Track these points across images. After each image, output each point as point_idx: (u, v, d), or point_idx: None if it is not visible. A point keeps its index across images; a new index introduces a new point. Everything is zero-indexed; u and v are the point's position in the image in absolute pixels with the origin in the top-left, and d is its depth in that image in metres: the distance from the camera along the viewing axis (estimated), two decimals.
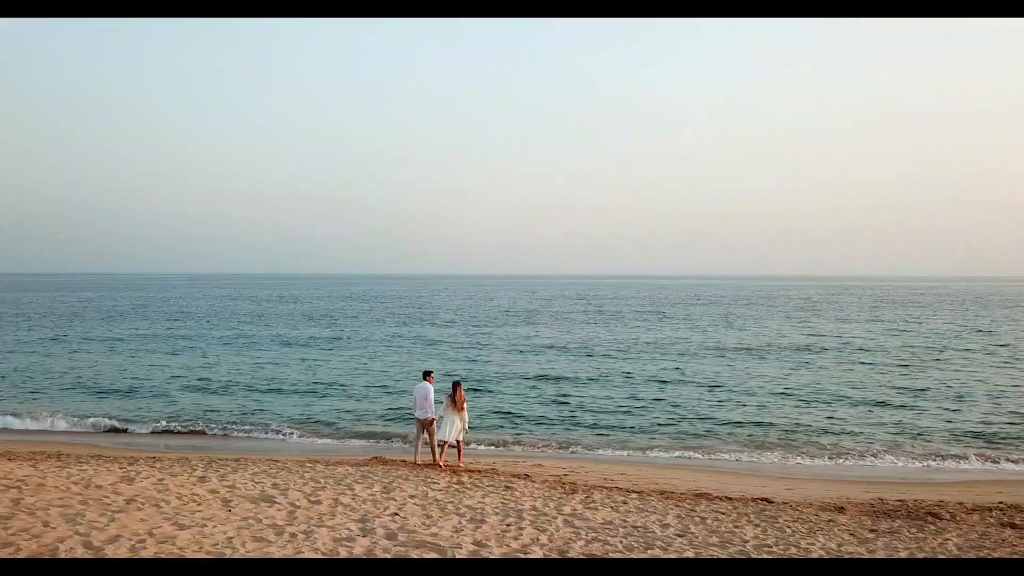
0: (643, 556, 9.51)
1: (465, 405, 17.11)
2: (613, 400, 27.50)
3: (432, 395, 17.00)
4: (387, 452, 19.46)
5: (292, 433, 22.41)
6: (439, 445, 16.81)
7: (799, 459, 19.78)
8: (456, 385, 17.23)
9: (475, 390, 28.89)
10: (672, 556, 9.59)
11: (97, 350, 41.39)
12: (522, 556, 9.11)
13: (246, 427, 23.09)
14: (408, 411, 22.15)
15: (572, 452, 20.54)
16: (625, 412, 25.40)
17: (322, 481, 13.75)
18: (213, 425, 23.22)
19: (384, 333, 52.85)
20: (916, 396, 27.91)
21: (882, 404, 26.40)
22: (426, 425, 16.99)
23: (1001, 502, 14.14)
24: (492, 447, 20.82)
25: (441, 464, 16.69)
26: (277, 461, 16.52)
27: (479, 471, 16.34)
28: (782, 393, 28.39)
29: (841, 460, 19.56)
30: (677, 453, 20.38)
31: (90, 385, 29.99)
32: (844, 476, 18.01)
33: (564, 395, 28.46)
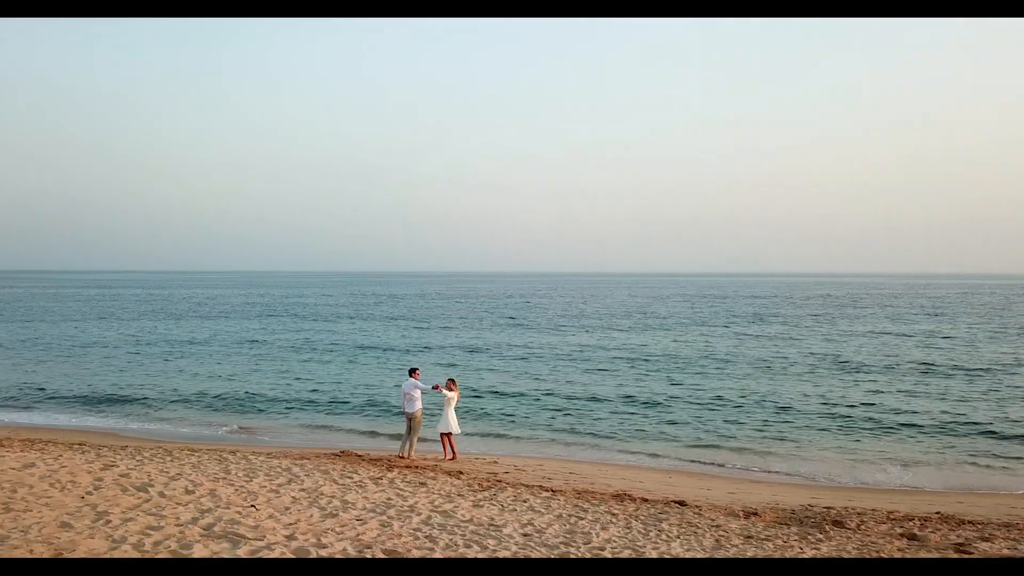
0: (451, 555, 9.20)
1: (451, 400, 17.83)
2: (646, 401, 26.90)
3: (418, 391, 17.63)
4: (367, 448, 19.70)
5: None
6: (441, 435, 17.85)
7: (780, 466, 18.83)
8: (450, 383, 18.04)
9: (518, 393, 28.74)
10: (483, 556, 9.24)
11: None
12: (312, 549, 8.96)
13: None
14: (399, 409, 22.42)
15: (552, 452, 20.19)
16: (646, 414, 24.69)
17: (232, 471, 13.94)
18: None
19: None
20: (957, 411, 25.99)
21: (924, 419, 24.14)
22: (411, 419, 17.61)
23: (938, 512, 13.01)
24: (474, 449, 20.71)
25: (405, 456, 17.29)
26: (225, 452, 16.86)
27: (417, 467, 16.28)
28: (834, 409, 25.74)
29: (833, 469, 18.38)
30: (668, 457, 19.65)
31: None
32: (819, 484, 17.06)
33: (579, 397, 28.04)
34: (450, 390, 17.95)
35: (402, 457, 17.35)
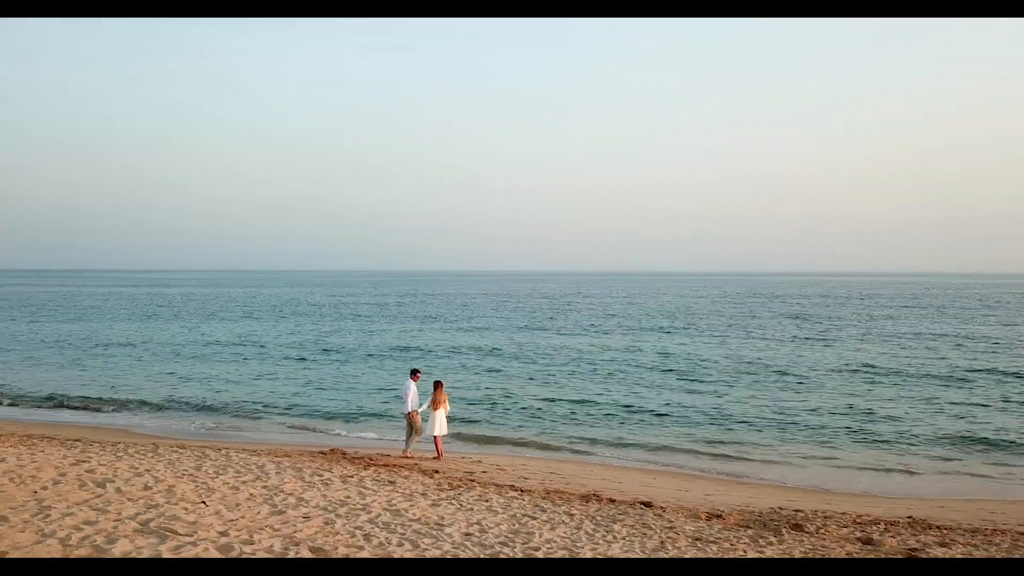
0: (379, 554, 9.14)
1: (447, 403, 18.08)
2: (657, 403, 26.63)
3: (414, 392, 17.85)
4: (358, 446, 19.77)
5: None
6: (431, 439, 17.85)
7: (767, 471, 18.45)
8: (437, 385, 18.11)
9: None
10: (408, 556, 9.17)
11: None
12: (238, 546, 8.97)
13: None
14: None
15: (542, 454, 20.09)
16: (654, 418, 24.19)
17: (204, 468, 14.04)
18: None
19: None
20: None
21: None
22: (408, 419, 17.86)
23: (910, 516, 12.62)
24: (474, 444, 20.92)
25: (409, 455, 17.52)
26: (211, 449, 17.01)
27: (395, 466, 16.27)
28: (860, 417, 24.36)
29: (827, 474, 17.95)
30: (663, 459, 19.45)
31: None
32: (801, 488, 16.69)
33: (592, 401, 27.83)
34: (436, 390, 18.03)
35: (406, 456, 17.56)
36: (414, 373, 18.25)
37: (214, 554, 8.72)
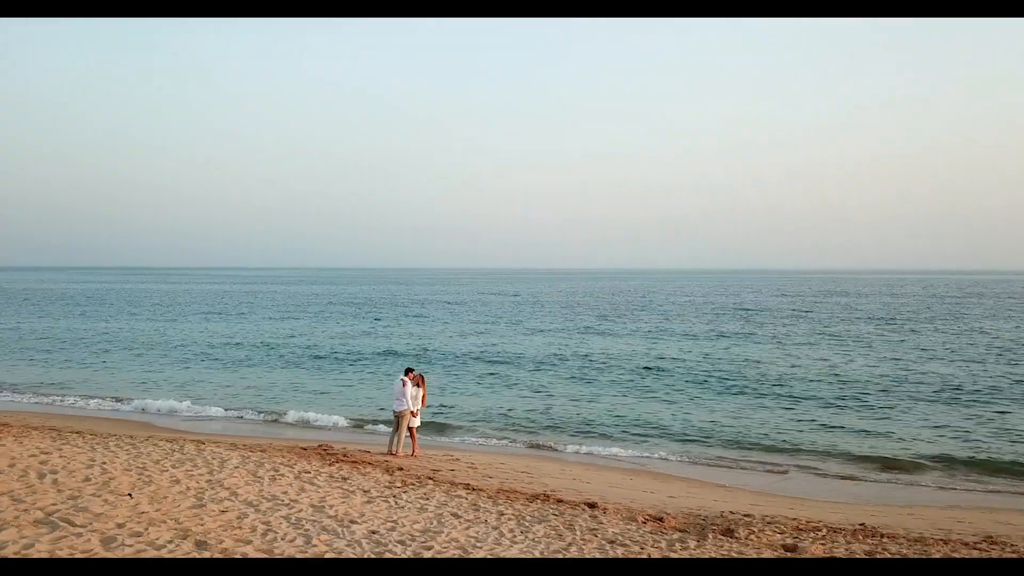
0: (261, 550, 9.06)
1: (419, 395, 18.20)
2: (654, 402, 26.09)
3: (409, 390, 17.94)
4: (347, 441, 19.84)
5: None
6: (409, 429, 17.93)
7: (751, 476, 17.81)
8: (420, 379, 18.37)
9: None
10: (288, 554, 9.06)
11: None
12: (123, 537, 9.00)
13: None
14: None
15: (534, 453, 19.92)
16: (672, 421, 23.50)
17: (164, 461, 14.20)
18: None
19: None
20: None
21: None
22: (399, 417, 17.86)
23: (862, 524, 11.98)
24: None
25: (397, 453, 17.56)
26: (190, 443, 17.23)
27: (362, 462, 16.23)
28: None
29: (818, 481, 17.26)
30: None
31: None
32: (774, 494, 16.04)
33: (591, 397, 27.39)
34: (417, 386, 18.06)
35: (392, 454, 17.58)
36: (408, 371, 18.32)
37: (95, 545, 8.76)
